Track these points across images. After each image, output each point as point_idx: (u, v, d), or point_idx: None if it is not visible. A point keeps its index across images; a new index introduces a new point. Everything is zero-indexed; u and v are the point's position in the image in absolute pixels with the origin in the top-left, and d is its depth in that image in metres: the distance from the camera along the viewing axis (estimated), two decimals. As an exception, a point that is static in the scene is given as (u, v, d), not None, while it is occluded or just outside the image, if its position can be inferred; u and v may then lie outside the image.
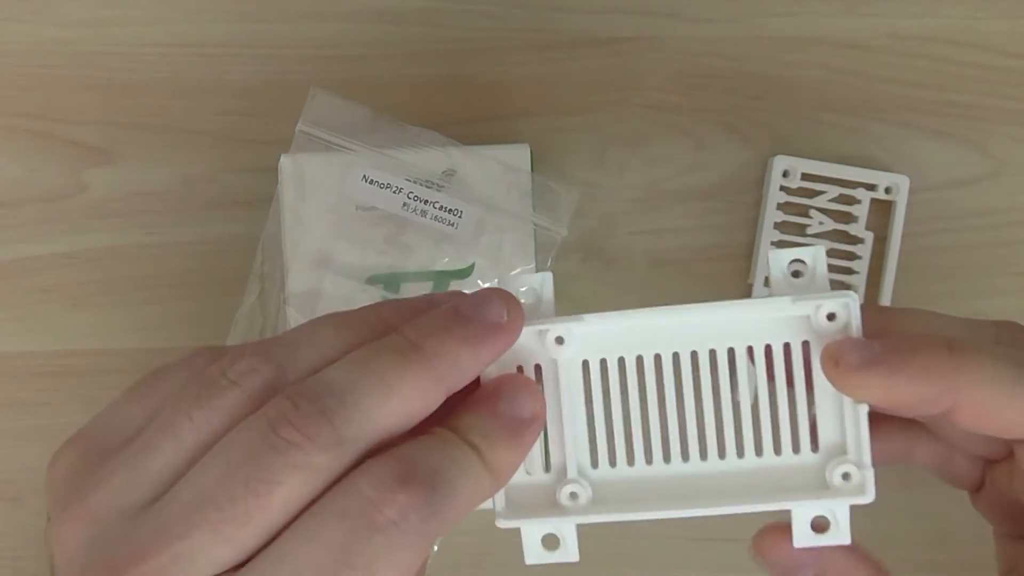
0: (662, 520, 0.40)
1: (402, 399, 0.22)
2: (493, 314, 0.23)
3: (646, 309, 0.24)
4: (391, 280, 0.36)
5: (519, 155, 0.36)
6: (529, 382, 0.24)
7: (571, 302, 0.40)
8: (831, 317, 0.24)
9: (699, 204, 0.40)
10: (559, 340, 0.25)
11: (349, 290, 0.36)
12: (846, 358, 0.23)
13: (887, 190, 0.39)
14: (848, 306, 0.24)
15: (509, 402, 0.23)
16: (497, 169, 0.36)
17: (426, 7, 0.40)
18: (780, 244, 0.40)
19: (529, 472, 0.25)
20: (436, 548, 0.36)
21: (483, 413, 0.23)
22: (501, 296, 0.24)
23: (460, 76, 0.40)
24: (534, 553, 0.26)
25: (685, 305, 0.24)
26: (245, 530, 0.21)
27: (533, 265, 0.36)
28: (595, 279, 0.40)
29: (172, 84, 0.40)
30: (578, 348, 0.25)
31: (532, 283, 0.25)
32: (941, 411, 0.23)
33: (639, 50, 0.40)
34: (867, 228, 0.40)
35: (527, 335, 0.24)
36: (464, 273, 0.36)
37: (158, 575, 0.20)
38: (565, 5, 0.40)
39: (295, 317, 0.36)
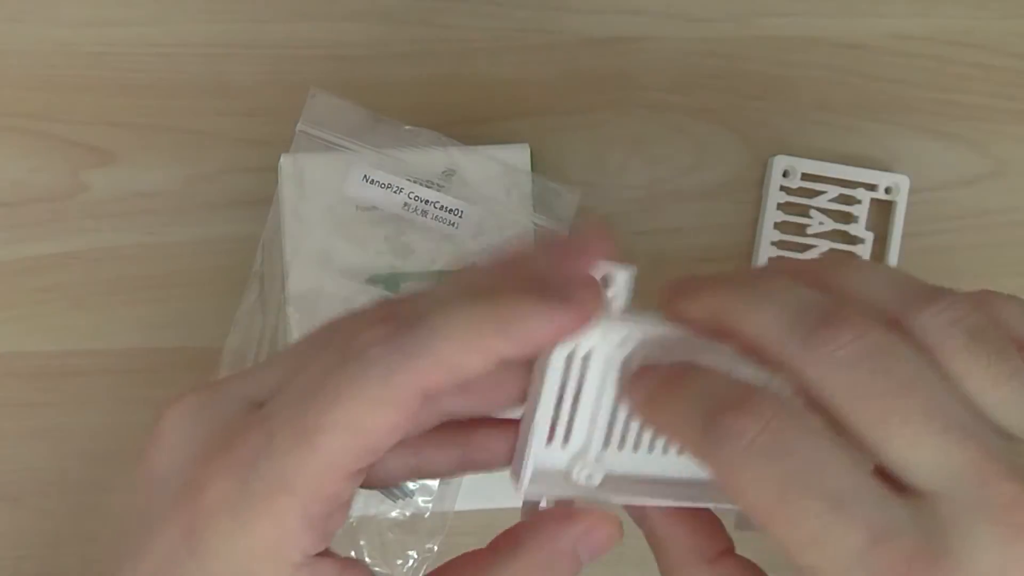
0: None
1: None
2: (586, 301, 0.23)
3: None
4: (391, 280, 0.36)
5: (519, 155, 0.36)
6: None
7: (571, 302, 0.40)
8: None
9: (699, 204, 0.40)
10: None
11: (349, 290, 0.36)
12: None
13: (887, 190, 0.39)
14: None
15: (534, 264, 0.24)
16: (497, 169, 0.36)
17: (426, 7, 0.40)
18: (780, 244, 0.40)
19: (549, 445, 0.25)
20: (436, 548, 0.36)
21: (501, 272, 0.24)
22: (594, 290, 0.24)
23: (460, 76, 0.40)
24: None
25: None
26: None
27: (533, 265, 0.36)
28: (595, 279, 0.40)
29: (172, 84, 0.40)
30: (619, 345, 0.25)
31: (619, 281, 0.25)
32: None
33: (639, 50, 0.40)
34: (867, 228, 0.40)
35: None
36: (464, 273, 0.36)
37: None
38: (565, 5, 0.40)
39: (295, 317, 0.36)
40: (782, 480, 0.21)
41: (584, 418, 0.26)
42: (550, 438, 0.25)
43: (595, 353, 0.25)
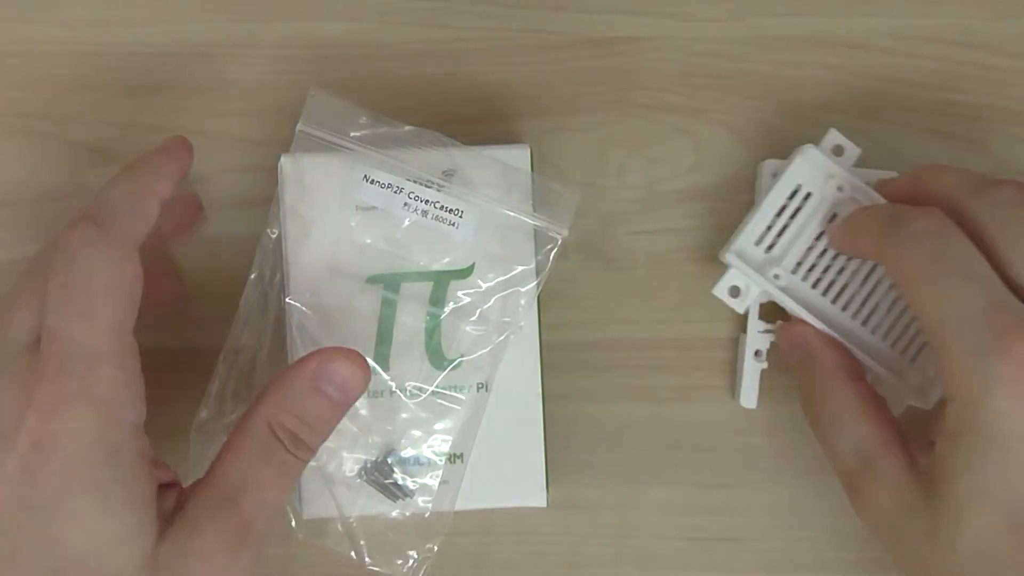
0: (662, 520, 0.40)
1: None
2: None
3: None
4: (391, 280, 0.36)
5: (519, 155, 0.36)
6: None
7: (571, 302, 0.40)
8: None
9: (699, 204, 0.40)
10: (840, 188, 0.37)
11: (349, 290, 0.36)
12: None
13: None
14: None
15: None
16: (497, 169, 0.36)
17: (426, 7, 0.40)
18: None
19: (757, 244, 0.37)
20: (435, 548, 0.36)
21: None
22: None
23: (460, 76, 0.40)
24: (720, 289, 0.38)
25: None
26: None
27: (533, 265, 0.36)
28: (595, 279, 0.40)
29: (172, 84, 0.40)
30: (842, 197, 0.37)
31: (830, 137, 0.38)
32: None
33: (639, 50, 0.40)
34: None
35: (825, 167, 0.37)
36: (464, 273, 0.36)
37: None
38: (565, 5, 0.40)
39: (296, 317, 0.36)
40: (934, 255, 0.31)
41: (789, 237, 0.37)
42: (760, 239, 0.37)
43: (813, 193, 0.37)
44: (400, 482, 0.35)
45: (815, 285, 0.37)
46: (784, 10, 0.40)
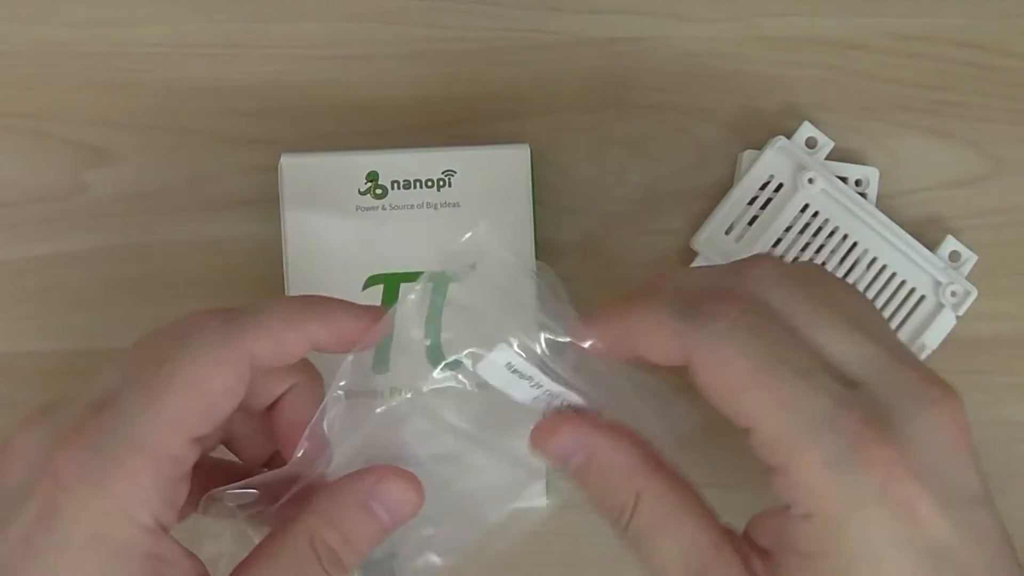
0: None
1: None
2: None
3: None
4: (391, 280, 0.36)
5: (519, 155, 0.36)
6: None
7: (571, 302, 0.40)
8: None
9: (699, 204, 0.40)
10: (811, 181, 0.37)
11: (349, 290, 0.36)
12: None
13: (858, 182, 0.39)
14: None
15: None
16: (497, 169, 0.36)
17: (426, 7, 0.40)
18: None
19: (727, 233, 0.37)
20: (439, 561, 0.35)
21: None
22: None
23: (460, 76, 0.40)
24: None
25: None
26: None
27: (533, 266, 0.36)
28: (595, 279, 0.40)
29: (172, 84, 0.40)
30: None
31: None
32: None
33: (639, 50, 0.40)
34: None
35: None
36: (464, 273, 0.36)
37: None
38: (565, 5, 0.40)
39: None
40: (760, 352, 0.25)
41: (759, 227, 0.37)
42: (731, 228, 0.37)
43: (785, 184, 0.38)
44: None
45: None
46: (784, 10, 0.40)
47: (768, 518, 0.28)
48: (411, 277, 0.36)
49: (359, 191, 0.36)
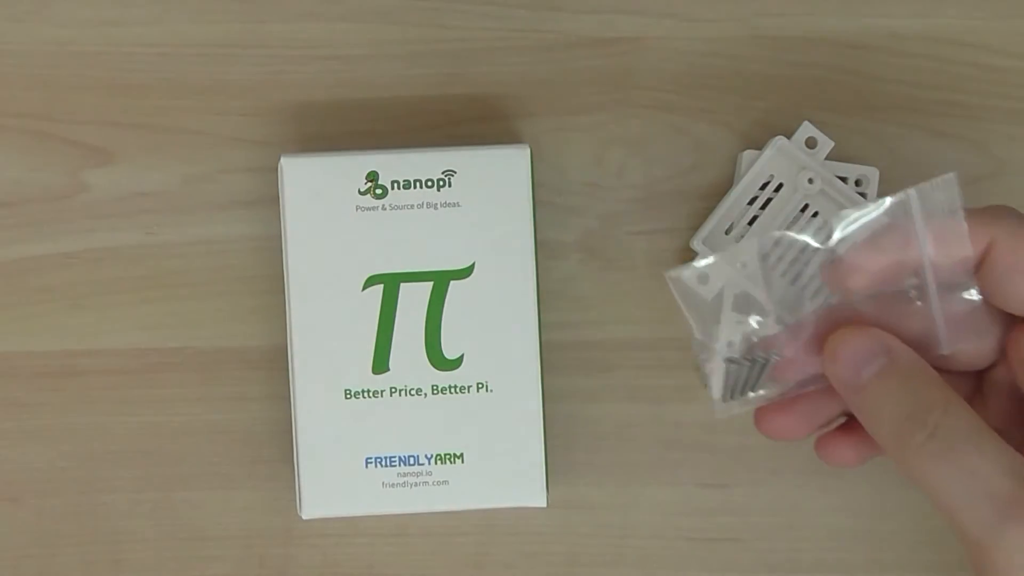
0: (662, 520, 0.40)
1: None
2: None
3: None
4: (391, 280, 0.36)
5: (519, 155, 0.36)
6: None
7: (571, 302, 0.40)
8: None
9: (699, 204, 0.40)
10: (811, 181, 0.37)
11: (349, 290, 0.36)
12: None
13: (857, 182, 0.39)
14: None
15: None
16: (497, 169, 0.36)
17: (426, 7, 0.40)
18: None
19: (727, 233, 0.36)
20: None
21: None
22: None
23: (460, 76, 0.40)
24: (689, 276, 0.30)
25: None
26: None
27: (533, 266, 0.36)
28: (595, 279, 0.40)
29: (172, 84, 0.40)
30: None
31: None
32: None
33: (639, 50, 0.40)
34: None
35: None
36: (464, 273, 0.36)
37: None
38: (565, 5, 0.40)
39: (296, 317, 0.36)
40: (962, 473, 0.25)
41: (759, 227, 0.36)
42: (731, 229, 0.38)
43: (785, 184, 0.37)
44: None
45: (783, 275, 0.36)
46: (784, 10, 0.40)
47: None
48: (411, 277, 0.36)
49: (359, 191, 0.36)
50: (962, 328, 0.28)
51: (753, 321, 0.29)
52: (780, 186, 0.38)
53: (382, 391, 0.36)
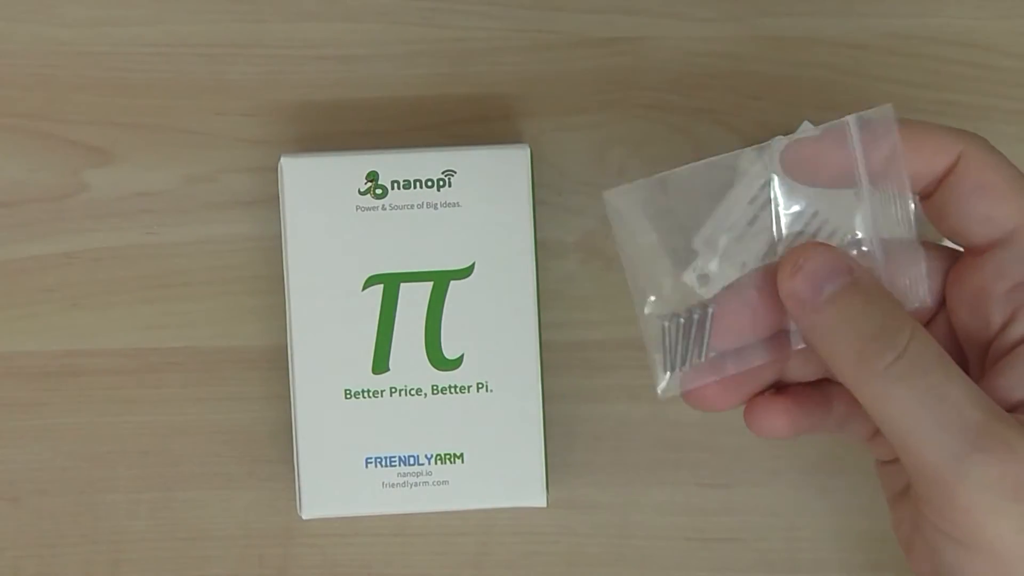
0: (662, 520, 0.40)
1: None
2: None
3: None
4: (391, 280, 0.36)
5: (519, 155, 0.36)
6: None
7: (571, 302, 0.40)
8: None
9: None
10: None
11: (349, 290, 0.36)
12: None
13: None
14: None
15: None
16: (497, 169, 0.36)
17: (426, 7, 0.40)
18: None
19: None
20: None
21: None
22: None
23: (460, 76, 0.40)
24: (689, 276, 0.29)
25: None
26: None
27: (533, 266, 0.36)
28: (595, 279, 0.40)
29: (172, 84, 0.40)
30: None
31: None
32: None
33: (639, 50, 0.40)
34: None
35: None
36: (464, 273, 0.36)
37: None
38: (565, 5, 0.40)
39: (296, 317, 0.36)
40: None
41: (759, 226, 0.31)
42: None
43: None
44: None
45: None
46: (784, 10, 0.40)
47: None
48: (411, 277, 0.36)
49: (359, 191, 0.36)
50: (903, 268, 0.28)
51: (693, 272, 0.28)
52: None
53: (382, 391, 0.36)
